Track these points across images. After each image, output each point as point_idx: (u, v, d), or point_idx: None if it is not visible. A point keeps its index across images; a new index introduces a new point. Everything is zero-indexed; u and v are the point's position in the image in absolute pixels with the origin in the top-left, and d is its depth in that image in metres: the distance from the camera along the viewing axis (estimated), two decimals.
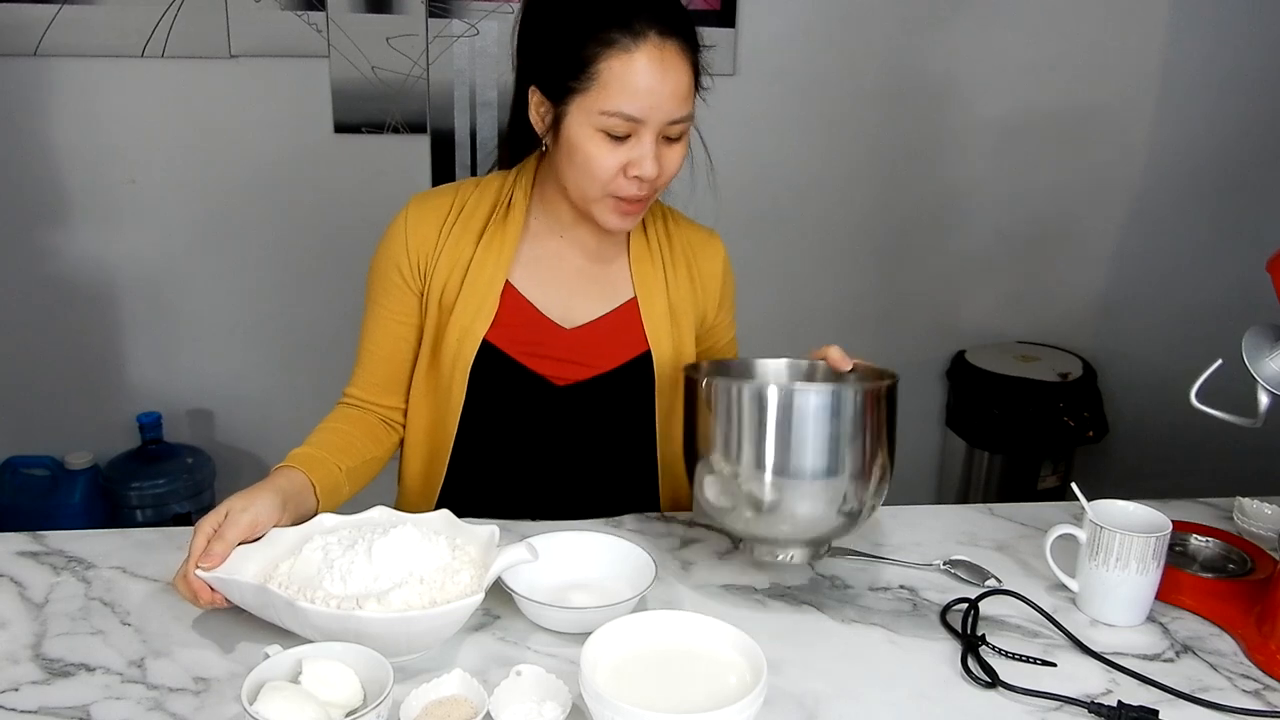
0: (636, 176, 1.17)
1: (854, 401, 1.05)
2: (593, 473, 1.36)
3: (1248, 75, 2.63)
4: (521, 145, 1.32)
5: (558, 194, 1.27)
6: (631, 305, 1.32)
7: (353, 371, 1.35)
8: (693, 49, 1.17)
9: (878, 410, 1.07)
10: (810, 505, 1.07)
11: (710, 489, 1.10)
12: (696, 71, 1.18)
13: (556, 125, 1.19)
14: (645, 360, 1.32)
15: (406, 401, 1.35)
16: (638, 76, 1.12)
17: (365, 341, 1.33)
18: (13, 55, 2.25)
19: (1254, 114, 2.67)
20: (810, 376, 1.24)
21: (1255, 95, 2.65)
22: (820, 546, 1.13)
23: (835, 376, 1.20)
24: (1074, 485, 1.17)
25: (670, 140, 1.18)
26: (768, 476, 1.05)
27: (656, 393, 1.33)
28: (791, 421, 1.04)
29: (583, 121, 1.15)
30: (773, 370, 1.27)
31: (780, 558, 1.11)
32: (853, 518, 1.09)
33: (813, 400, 1.04)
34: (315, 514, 1.17)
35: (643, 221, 1.34)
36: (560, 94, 1.16)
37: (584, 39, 1.13)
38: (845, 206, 2.67)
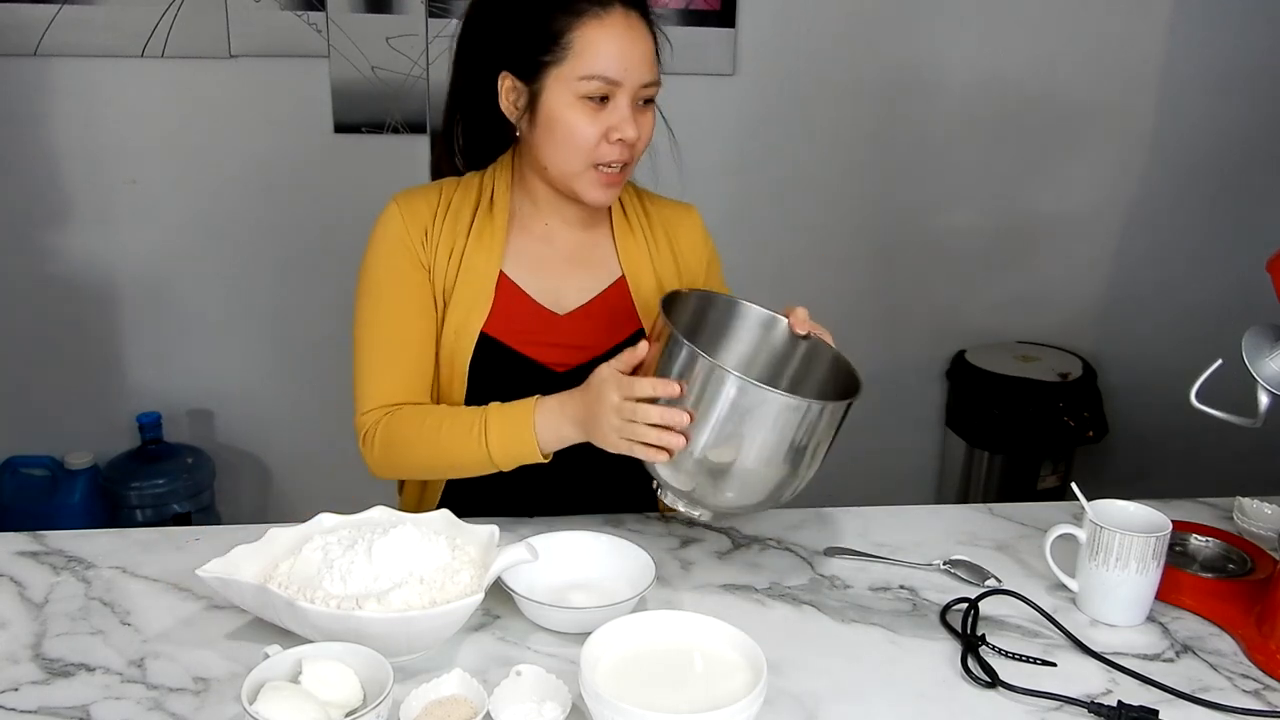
0: (620, 140, 1.20)
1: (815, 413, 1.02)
2: (593, 458, 1.35)
3: (1248, 75, 2.63)
4: (484, 140, 1.33)
5: (537, 181, 1.30)
6: (621, 284, 1.34)
7: (367, 390, 1.28)
8: (650, 18, 1.24)
9: (832, 422, 1.05)
10: (739, 492, 1.06)
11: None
12: (658, 43, 1.25)
13: (532, 105, 1.22)
14: (639, 338, 1.31)
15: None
16: (612, 40, 1.18)
17: (389, 348, 1.27)
18: (13, 55, 2.25)
19: (1254, 114, 2.67)
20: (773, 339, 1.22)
21: (1255, 95, 2.65)
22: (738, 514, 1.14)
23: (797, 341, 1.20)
24: (1074, 485, 1.17)
25: (643, 107, 1.23)
26: (696, 455, 1.05)
27: None
28: (737, 417, 1.02)
29: (561, 91, 1.20)
30: (746, 326, 1.23)
31: (695, 514, 1.11)
32: (779, 502, 1.09)
33: (771, 404, 1.01)
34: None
35: (621, 201, 1.36)
36: (533, 71, 1.21)
37: (552, 14, 1.19)
38: (845, 206, 2.66)
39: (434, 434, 1.23)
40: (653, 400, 1.06)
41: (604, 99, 1.20)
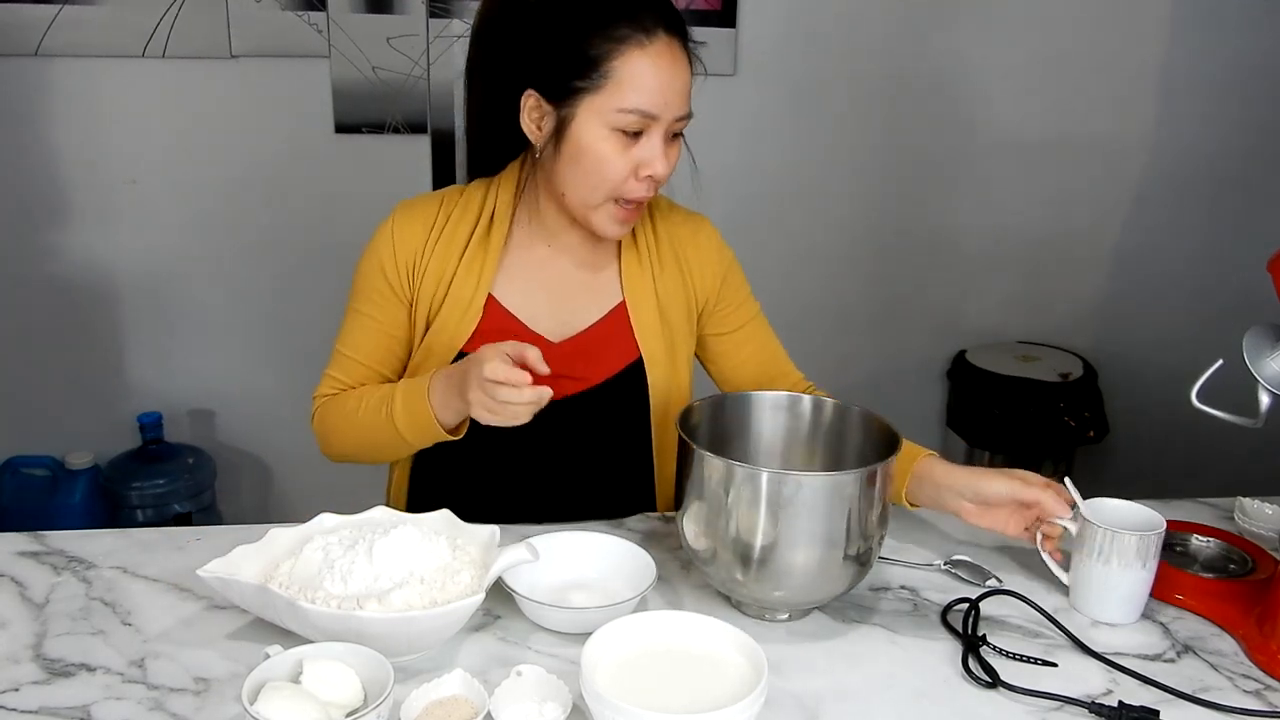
0: (649, 176, 1.16)
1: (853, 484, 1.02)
2: (587, 485, 1.33)
3: (1248, 75, 2.63)
4: (496, 151, 1.29)
5: (548, 201, 1.25)
6: (621, 309, 1.30)
7: (325, 374, 1.31)
8: (690, 45, 1.19)
9: (873, 488, 1.04)
10: (801, 580, 1.05)
11: (699, 548, 1.09)
12: (693, 69, 1.20)
13: (559, 129, 1.16)
14: (638, 367, 1.30)
15: None
16: (655, 72, 1.12)
17: (346, 347, 1.30)
18: (13, 55, 2.25)
19: (1254, 114, 2.67)
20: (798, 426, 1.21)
21: (1255, 95, 2.65)
22: (811, 608, 1.12)
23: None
24: (1067, 480, 1.17)
25: (671, 140, 1.19)
26: (755, 558, 1.03)
27: (650, 398, 1.31)
28: (780, 509, 1.01)
29: (595, 122, 1.14)
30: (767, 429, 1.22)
31: (767, 617, 1.11)
32: (850, 581, 1.08)
33: (805, 487, 1.01)
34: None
35: None
36: (564, 95, 1.14)
37: (590, 37, 1.11)
38: (846, 206, 2.67)
39: (354, 415, 1.24)
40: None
41: (638, 132, 1.14)
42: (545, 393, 1.08)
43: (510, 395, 1.06)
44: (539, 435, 1.27)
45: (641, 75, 1.12)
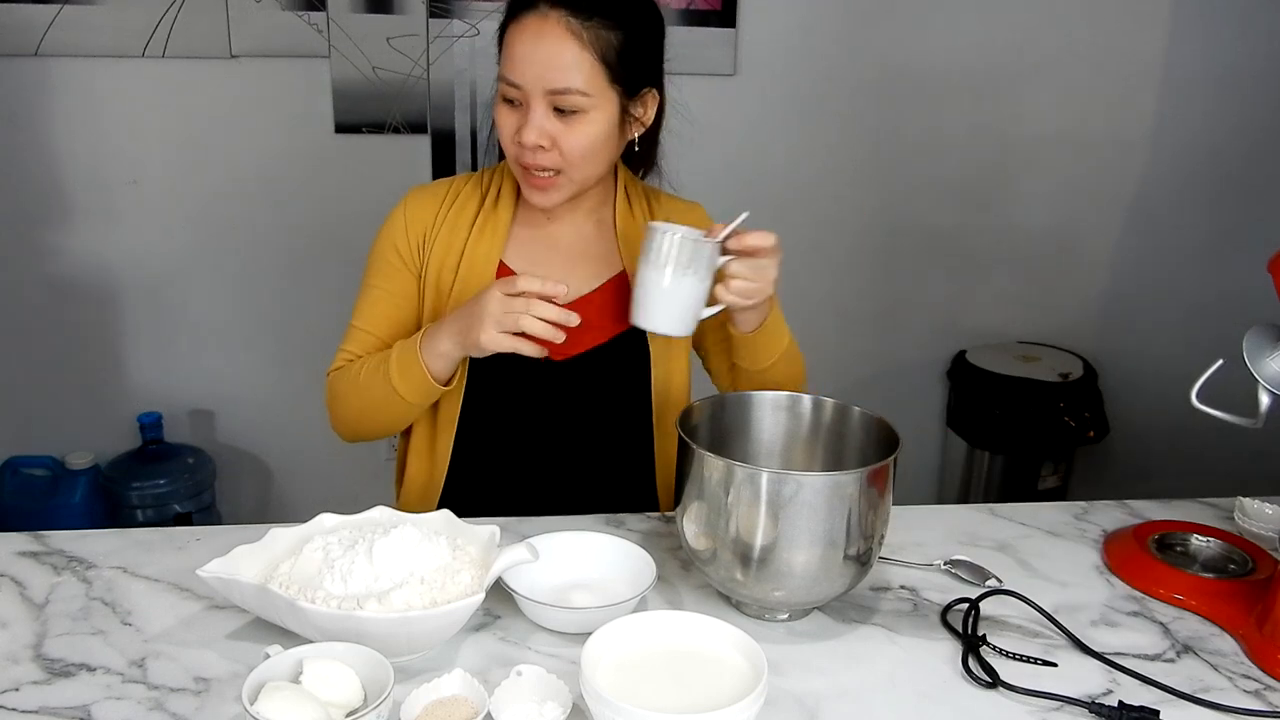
0: (518, 142, 1.21)
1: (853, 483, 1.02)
2: (592, 454, 1.37)
3: (1248, 75, 2.63)
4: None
5: None
6: (621, 278, 1.35)
7: (338, 350, 1.36)
8: (588, 23, 1.16)
9: (872, 487, 1.04)
10: (801, 580, 1.04)
11: (698, 547, 1.09)
12: (605, 49, 1.17)
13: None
14: (638, 332, 1.32)
15: None
16: (515, 42, 1.19)
17: (358, 320, 1.36)
18: (13, 55, 2.25)
19: (1254, 114, 2.67)
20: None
21: (1255, 95, 2.65)
22: (811, 608, 1.12)
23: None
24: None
25: (565, 115, 1.19)
26: (755, 556, 1.03)
27: (651, 363, 1.35)
28: (781, 510, 1.01)
29: (497, 89, 1.23)
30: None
31: (767, 617, 1.11)
32: (850, 581, 1.07)
33: (806, 488, 1.00)
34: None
35: (628, 198, 1.38)
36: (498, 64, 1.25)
37: (507, 18, 1.22)
38: (846, 206, 2.66)
39: (357, 378, 1.29)
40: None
41: (517, 103, 1.20)
42: (573, 318, 1.14)
43: (538, 309, 1.12)
44: (547, 396, 1.33)
45: (511, 45, 1.19)
